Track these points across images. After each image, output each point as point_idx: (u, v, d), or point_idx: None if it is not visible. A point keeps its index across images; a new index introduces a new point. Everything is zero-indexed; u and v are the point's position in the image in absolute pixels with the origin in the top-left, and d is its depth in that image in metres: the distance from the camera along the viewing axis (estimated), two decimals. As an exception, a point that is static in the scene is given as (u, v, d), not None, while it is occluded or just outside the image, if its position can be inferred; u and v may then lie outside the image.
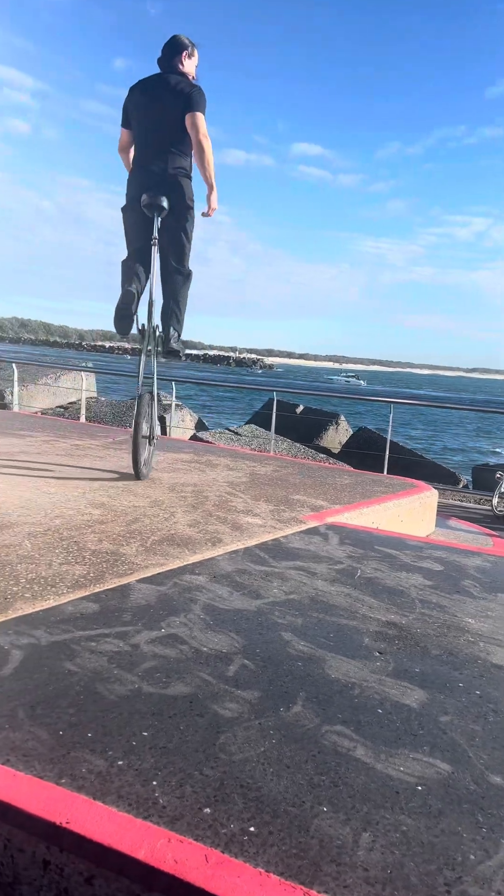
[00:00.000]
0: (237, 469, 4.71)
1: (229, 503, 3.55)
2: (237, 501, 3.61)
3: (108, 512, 3.13)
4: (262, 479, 4.40)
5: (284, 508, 3.55)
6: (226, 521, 3.16)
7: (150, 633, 1.87)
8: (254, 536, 2.95)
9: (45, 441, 5.24)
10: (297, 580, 2.45)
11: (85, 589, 2.15)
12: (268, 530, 3.07)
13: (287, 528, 3.16)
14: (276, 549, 2.82)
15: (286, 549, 2.83)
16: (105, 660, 1.69)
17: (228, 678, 1.65)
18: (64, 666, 1.64)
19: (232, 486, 4.05)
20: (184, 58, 3.91)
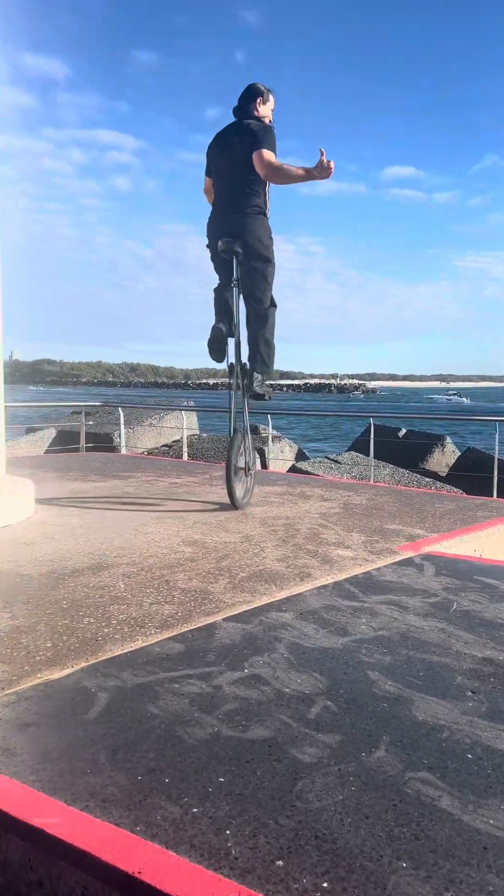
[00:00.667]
0: (331, 499, 4.65)
1: (320, 535, 3.51)
2: (329, 533, 3.56)
3: (199, 549, 3.18)
4: (357, 508, 4.32)
5: (378, 539, 3.47)
6: (316, 554, 3.13)
7: (233, 673, 1.87)
8: (344, 570, 2.89)
9: (146, 481, 5.42)
10: (388, 615, 2.37)
11: (172, 629, 2.18)
12: (359, 563, 3.00)
13: (379, 559, 3.08)
14: (367, 583, 2.74)
15: (377, 583, 2.75)
16: (187, 702, 1.70)
17: (309, 721, 1.61)
18: (147, 709, 1.66)
19: (324, 517, 4.00)
20: (258, 104, 4.05)
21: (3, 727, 1.57)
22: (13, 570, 2.82)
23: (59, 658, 1.95)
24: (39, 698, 1.72)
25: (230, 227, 3.89)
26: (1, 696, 1.73)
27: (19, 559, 2.98)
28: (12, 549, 3.16)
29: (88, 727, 1.57)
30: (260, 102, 4.06)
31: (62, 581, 2.67)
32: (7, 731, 1.56)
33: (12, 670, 1.87)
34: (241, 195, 3.90)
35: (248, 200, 3.89)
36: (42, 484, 4.96)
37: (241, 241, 3.86)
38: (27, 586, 2.60)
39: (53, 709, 1.66)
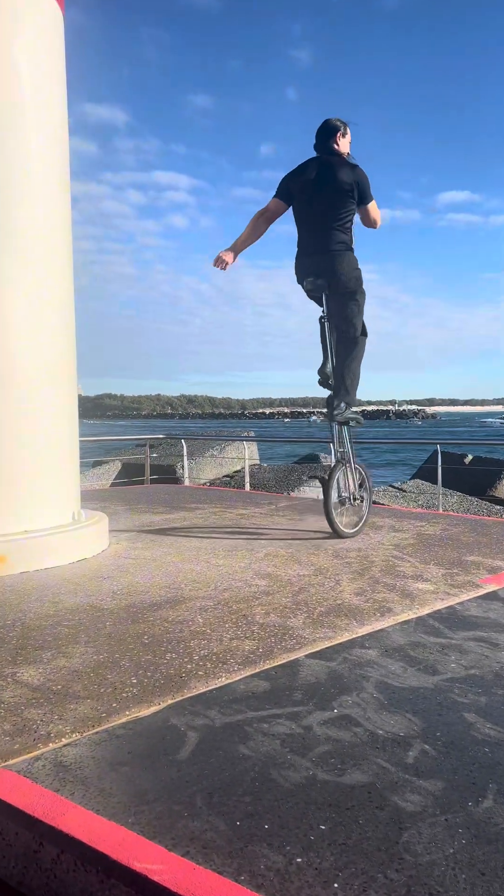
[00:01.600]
0: (402, 530, 4.55)
1: (396, 568, 3.42)
2: (405, 566, 3.47)
3: (273, 582, 3.15)
4: (431, 539, 4.21)
5: (458, 571, 3.36)
6: (394, 587, 3.05)
7: (322, 713, 1.82)
8: (426, 604, 2.80)
9: (213, 512, 5.44)
10: (478, 653, 2.27)
11: (255, 665, 2.15)
12: (441, 597, 2.91)
13: (462, 593, 2.98)
14: (452, 618, 2.65)
15: (463, 618, 2.65)
16: (278, 743, 1.66)
17: (408, 765, 1.55)
18: (238, 749, 1.63)
19: (398, 548, 3.91)
20: (338, 138, 4.11)
21: (96, 765, 1.57)
22: (93, 603, 2.85)
23: (145, 695, 1.94)
24: (130, 736, 1.71)
25: (315, 268, 4.04)
26: (91, 733, 1.73)
27: (98, 593, 3.01)
28: (90, 582, 3.21)
29: (182, 768, 1.55)
30: (339, 137, 4.13)
31: (141, 615, 2.68)
32: (101, 769, 1.55)
33: (101, 707, 1.87)
34: (328, 234, 4.00)
35: (334, 238, 4.00)
36: (112, 517, 5.03)
37: (327, 278, 4.02)
38: (108, 621, 2.62)
39: (145, 747, 1.65)
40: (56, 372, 3.82)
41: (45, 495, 3.74)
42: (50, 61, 3.87)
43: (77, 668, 2.15)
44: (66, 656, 2.25)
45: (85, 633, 2.49)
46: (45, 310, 3.75)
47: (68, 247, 4.03)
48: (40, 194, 3.74)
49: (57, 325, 3.85)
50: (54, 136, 3.88)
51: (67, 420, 3.96)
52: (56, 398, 3.83)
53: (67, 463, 3.96)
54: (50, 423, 3.77)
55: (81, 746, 1.66)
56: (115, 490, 8.09)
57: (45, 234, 3.76)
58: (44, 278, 3.74)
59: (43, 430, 3.72)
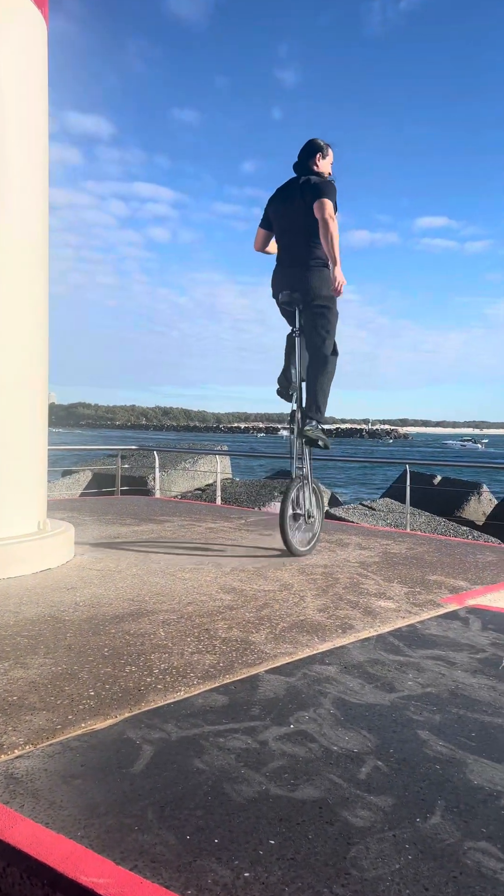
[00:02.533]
0: (369, 548, 4.59)
1: (361, 585, 3.45)
2: (369, 583, 3.51)
3: (238, 597, 3.15)
4: (396, 558, 4.26)
5: (420, 590, 3.40)
6: (357, 605, 3.07)
7: (279, 728, 1.83)
8: (387, 622, 2.83)
9: (181, 525, 5.43)
10: (435, 671, 2.30)
11: (215, 680, 2.15)
12: (402, 615, 2.94)
13: (423, 612, 3.01)
14: (412, 636, 2.68)
15: (422, 636, 2.69)
16: (233, 757, 1.66)
17: (360, 781, 1.56)
18: (193, 763, 1.63)
19: (364, 566, 3.95)
20: (318, 159, 4.17)
21: (48, 778, 1.56)
22: (55, 615, 2.83)
23: (102, 707, 1.93)
24: (84, 749, 1.71)
25: (291, 281, 4.08)
26: (45, 745, 1.72)
27: (60, 604, 2.99)
28: (53, 593, 3.18)
29: (135, 781, 1.55)
30: (319, 157, 4.19)
31: (103, 627, 2.67)
32: (53, 782, 1.54)
33: (56, 719, 1.85)
34: (304, 249, 4.03)
35: (310, 253, 4.03)
36: (79, 527, 5.00)
37: (301, 293, 4.03)
38: (69, 632, 2.60)
39: (98, 760, 1.64)
40: (25, 379, 3.80)
41: (10, 503, 3.71)
42: (33, 72, 3.89)
43: (34, 679, 2.13)
44: (24, 667, 2.23)
45: (45, 644, 2.46)
46: (18, 316, 3.74)
47: (44, 254, 4.03)
48: (18, 202, 3.74)
49: (29, 332, 3.84)
50: (35, 147, 3.89)
51: (35, 427, 3.93)
52: (24, 405, 3.80)
53: (34, 471, 3.93)
54: (17, 430, 3.74)
55: (34, 759, 1.65)
56: (84, 500, 8.03)
57: (22, 241, 3.76)
58: (18, 285, 3.73)
59: (9, 437, 3.70)
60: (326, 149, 4.22)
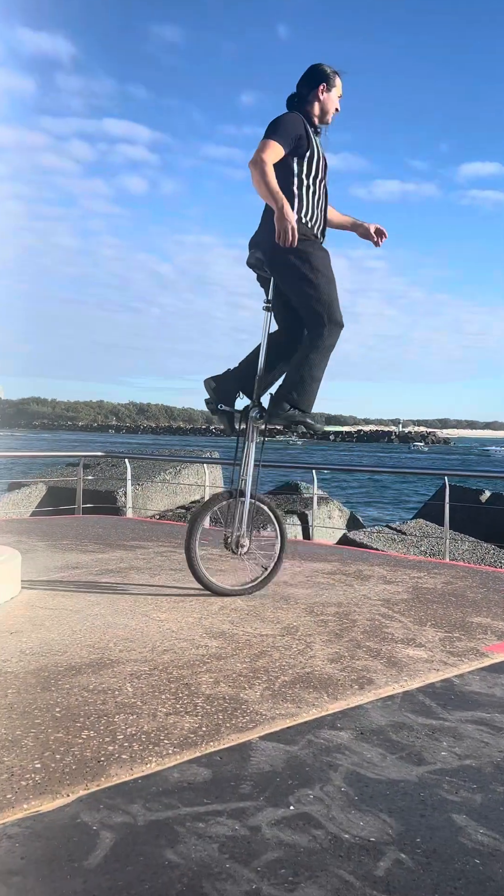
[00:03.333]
0: (396, 581, 4.60)
1: (384, 629, 3.46)
2: (395, 626, 3.51)
3: (228, 643, 3.15)
4: (430, 594, 4.26)
5: (460, 636, 3.40)
6: (379, 654, 3.08)
7: (275, 811, 1.82)
8: (416, 676, 2.83)
9: (158, 553, 5.44)
10: (477, 738, 2.30)
11: (195, 748, 2.15)
12: (436, 667, 2.94)
13: (463, 663, 3.02)
14: (448, 694, 2.68)
15: (461, 694, 2.69)
16: (216, 848, 1.65)
17: (377, 879, 1.55)
18: (164, 855, 1.62)
19: (388, 604, 3.95)
20: (320, 91, 4.13)
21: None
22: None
23: (50, 784, 1.92)
24: (26, 836, 1.69)
25: (255, 238, 4.11)
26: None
27: (1, 652, 2.99)
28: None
29: (89, 878, 1.54)
30: (322, 90, 4.15)
31: (54, 681, 2.66)
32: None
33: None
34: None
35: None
36: (28, 555, 5.00)
37: (262, 249, 4.02)
38: (10, 688, 2.60)
39: (44, 851, 1.63)
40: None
41: None
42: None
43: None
44: (-47, 732, 2.22)
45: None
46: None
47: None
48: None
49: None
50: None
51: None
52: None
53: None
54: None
55: (-39, 849, 1.64)
56: (35, 521, 8.04)
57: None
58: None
59: None
60: (333, 77, 4.18)
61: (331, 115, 4.20)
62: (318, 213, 4.14)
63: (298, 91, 4.19)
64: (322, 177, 4.14)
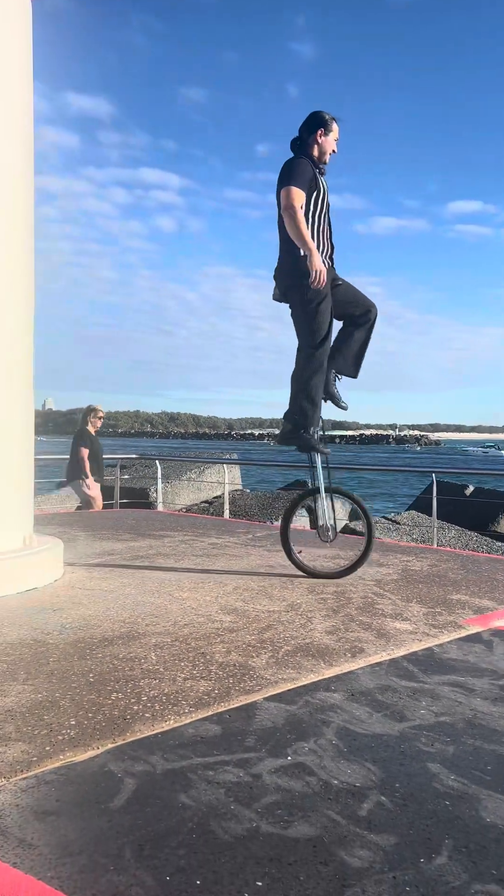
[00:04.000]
0: (387, 564, 4.58)
1: (375, 605, 3.45)
2: (384, 603, 3.50)
3: (240, 618, 3.16)
4: (417, 575, 4.24)
5: (441, 611, 3.39)
6: (370, 626, 3.07)
7: (275, 760, 1.83)
8: (402, 645, 2.83)
9: (183, 541, 5.45)
10: (452, 699, 2.30)
11: (208, 708, 2.16)
12: (419, 637, 2.94)
13: (443, 634, 3.01)
14: (429, 661, 2.67)
15: (440, 661, 2.68)
16: (222, 792, 1.67)
17: (360, 818, 1.56)
18: (178, 798, 1.64)
19: (380, 584, 3.94)
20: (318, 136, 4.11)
21: (21, 815, 1.57)
22: (38, 638, 2.85)
23: (83, 738, 1.95)
24: (61, 783, 1.72)
25: (276, 272, 4.11)
26: (19, 779, 1.73)
27: (45, 626, 3.01)
28: (38, 615, 3.20)
29: (113, 817, 1.56)
30: (320, 134, 4.14)
31: (90, 651, 2.68)
32: (25, 819, 1.55)
33: (33, 750, 1.87)
34: (281, 237, 4.04)
35: (282, 240, 4.05)
36: (72, 543, 5.03)
37: (277, 284, 4.07)
38: (52, 656, 2.62)
39: (76, 795, 1.66)
40: (8, 385, 3.84)
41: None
42: (13, 49, 3.95)
43: (11, 707, 2.15)
44: (1, 694, 2.25)
45: (25, 669, 2.48)
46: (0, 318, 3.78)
47: (29, 249, 4.08)
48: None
49: (11, 334, 3.88)
50: (15, 131, 3.94)
51: (16, 437, 3.97)
52: (7, 413, 3.84)
53: (17, 482, 3.96)
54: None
55: (5, 793, 1.66)
56: (79, 514, 8.08)
57: (2, 235, 3.81)
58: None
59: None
60: (330, 123, 4.15)
61: (328, 155, 4.18)
62: (326, 243, 4.15)
63: (300, 135, 4.19)
64: (327, 213, 4.16)
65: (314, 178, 4.04)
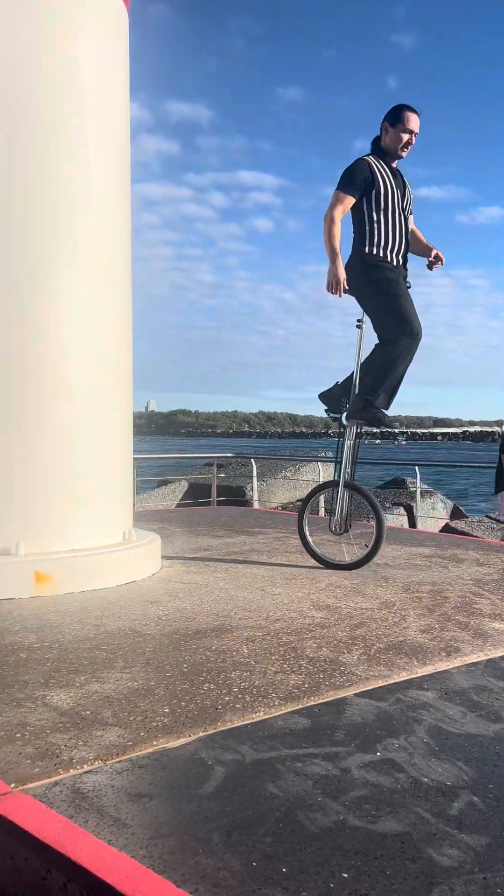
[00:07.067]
0: (489, 564, 4.45)
1: (473, 605, 3.36)
2: (483, 603, 3.40)
3: (331, 615, 3.16)
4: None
5: (543, 611, 3.26)
6: (467, 626, 3.00)
7: (364, 756, 1.82)
8: (500, 646, 2.74)
9: (275, 538, 5.48)
10: (552, 701, 2.21)
11: (297, 701, 2.17)
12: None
13: (544, 635, 2.89)
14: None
15: (540, 662, 2.58)
16: (310, 784, 1.68)
17: (451, 817, 1.53)
18: (266, 788, 1.66)
19: (479, 584, 3.83)
20: (383, 130, 4.12)
21: (115, 795, 1.63)
22: (136, 628, 2.95)
23: (176, 725, 2.00)
24: (154, 767, 1.77)
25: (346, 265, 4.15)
26: (115, 762, 1.80)
27: (142, 617, 3.11)
28: (136, 606, 3.31)
29: (203, 803, 1.59)
30: (387, 127, 4.10)
31: (184, 642, 2.75)
32: (119, 799, 1.61)
33: (128, 735, 1.94)
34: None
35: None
36: (169, 539, 5.16)
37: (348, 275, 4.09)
38: (148, 646, 2.70)
39: (168, 780, 1.71)
40: (108, 387, 3.98)
41: (95, 513, 3.90)
42: (112, 62, 4.09)
43: (109, 693, 2.24)
44: (100, 681, 2.35)
45: (123, 658, 2.58)
46: (99, 323, 3.93)
47: (126, 255, 4.21)
48: (98, 203, 3.93)
49: (111, 339, 4.02)
50: (115, 142, 4.08)
51: (119, 436, 4.11)
52: (107, 413, 3.99)
53: (118, 479, 4.11)
54: (99, 438, 3.93)
55: (102, 775, 1.73)
56: (178, 511, 8.28)
57: (102, 242, 3.95)
58: (100, 289, 3.93)
59: (94, 446, 3.89)
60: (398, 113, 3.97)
61: (399, 146, 4.10)
62: (395, 241, 4.08)
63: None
64: (395, 207, 4.08)
65: (371, 177, 4.02)
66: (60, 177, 3.76)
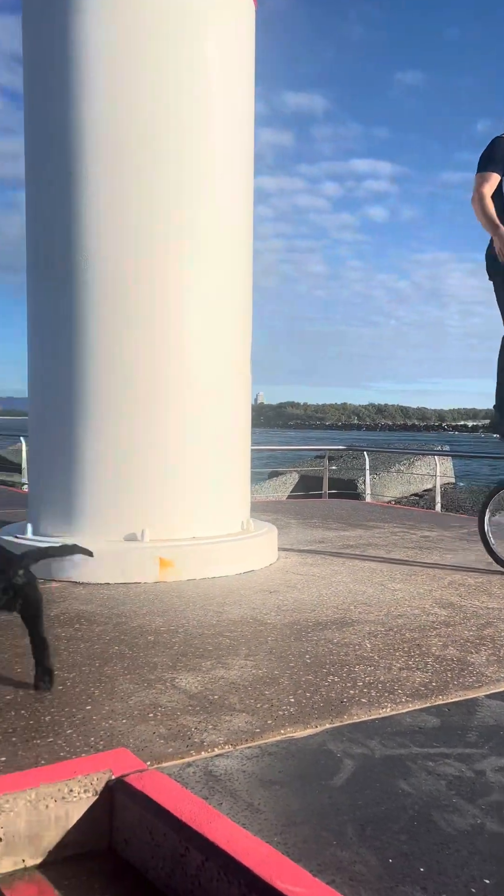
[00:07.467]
0: None
1: None
2: None
3: (456, 613, 3.07)
4: None
5: None
6: None
7: (499, 759, 1.76)
8: None
9: (392, 532, 5.40)
10: None
11: (425, 699, 2.13)
12: None
13: None
14: None
15: None
16: (444, 784, 1.64)
17: None
18: (397, 785, 1.64)
19: None
20: None
21: (246, 780, 1.66)
22: (257, 617, 2.98)
23: (302, 716, 2.01)
24: (283, 755, 1.79)
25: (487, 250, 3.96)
26: (244, 747, 1.83)
27: (262, 606, 3.14)
28: (255, 595, 3.35)
29: (333, 795, 1.59)
30: None
31: (305, 633, 2.76)
32: (251, 785, 1.64)
33: (256, 722, 1.96)
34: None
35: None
36: (283, 530, 5.19)
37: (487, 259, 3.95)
38: (270, 636, 2.73)
39: (297, 769, 1.72)
40: (230, 378, 4.04)
41: (215, 502, 3.97)
42: (239, 57, 4.13)
43: (235, 680, 2.27)
44: (226, 667, 2.39)
45: (246, 645, 2.61)
46: (223, 316, 3.99)
47: (248, 250, 4.25)
48: (223, 198, 3.99)
49: (233, 331, 4.08)
50: (240, 136, 4.12)
51: (239, 427, 4.17)
52: (229, 404, 4.05)
53: (238, 470, 4.17)
54: (221, 429, 4.00)
55: (233, 759, 1.76)
56: (290, 502, 8.31)
57: (227, 237, 4.01)
58: (223, 283, 3.99)
59: (214, 437, 3.96)
60: None
61: None
62: None
63: None
64: None
65: None
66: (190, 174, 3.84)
